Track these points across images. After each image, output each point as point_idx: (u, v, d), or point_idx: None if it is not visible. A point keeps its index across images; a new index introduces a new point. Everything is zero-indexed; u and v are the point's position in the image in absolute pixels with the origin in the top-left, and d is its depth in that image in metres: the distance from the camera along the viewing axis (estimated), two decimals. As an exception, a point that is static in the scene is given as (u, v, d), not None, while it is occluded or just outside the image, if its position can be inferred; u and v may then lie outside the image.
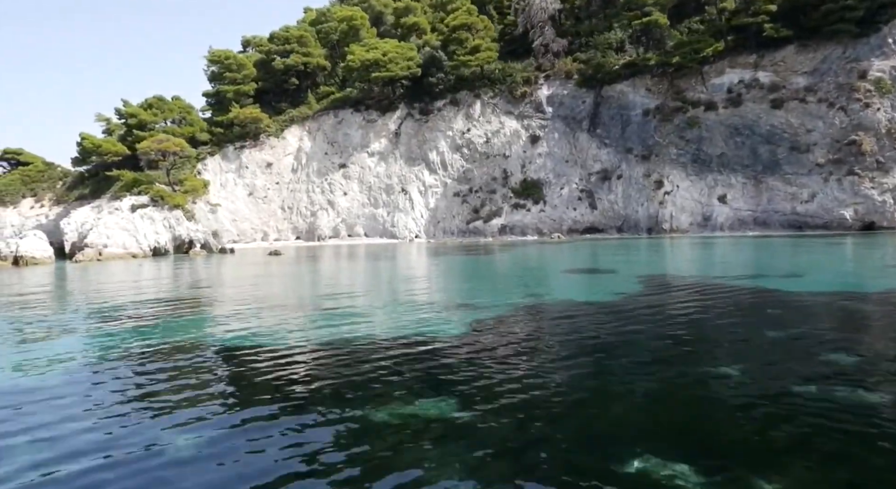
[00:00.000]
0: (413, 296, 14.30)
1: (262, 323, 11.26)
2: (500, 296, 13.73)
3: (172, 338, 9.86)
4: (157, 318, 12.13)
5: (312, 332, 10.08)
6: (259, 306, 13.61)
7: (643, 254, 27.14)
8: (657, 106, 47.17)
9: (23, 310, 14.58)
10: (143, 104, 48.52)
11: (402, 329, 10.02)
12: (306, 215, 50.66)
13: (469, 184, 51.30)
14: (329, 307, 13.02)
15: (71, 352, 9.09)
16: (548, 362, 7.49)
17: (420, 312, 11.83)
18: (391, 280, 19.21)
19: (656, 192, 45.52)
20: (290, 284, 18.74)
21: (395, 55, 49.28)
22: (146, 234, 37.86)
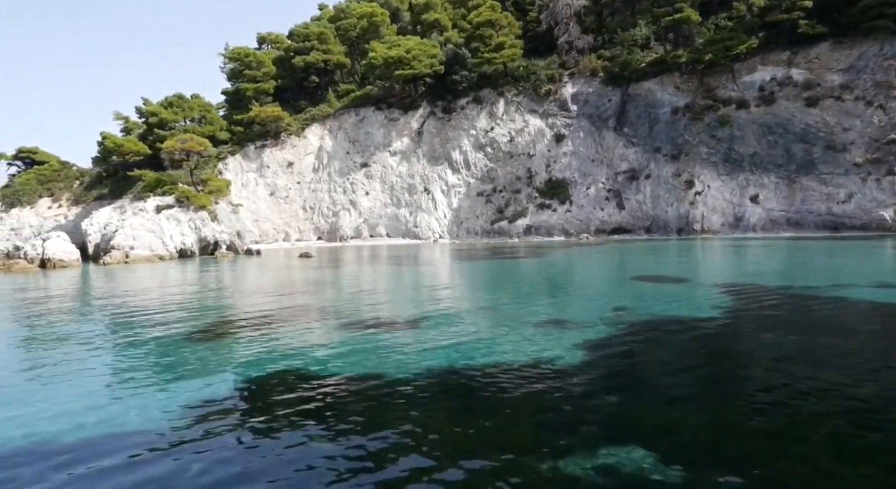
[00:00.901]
0: (491, 311, 13.49)
1: (342, 342, 10.54)
2: (586, 310, 12.98)
3: (255, 366, 9.14)
4: (229, 338, 11.42)
5: (404, 358, 9.35)
6: (331, 322, 12.92)
7: (697, 258, 26.32)
8: (686, 104, 46.29)
9: (87, 323, 13.90)
10: (164, 102, 47.78)
11: (504, 353, 9.30)
12: (328, 215, 49.94)
13: (493, 183, 50.52)
14: (404, 324, 12.30)
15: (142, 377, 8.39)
16: (710, 395, 6.74)
17: (513, 330, 11.10)
18: (451, 288, 18.48)
19: (687, 192, 44.68)
20: (343, 294, 18.01)
21: (418, 52, 48.45)
22: (172, 235, 37.18)
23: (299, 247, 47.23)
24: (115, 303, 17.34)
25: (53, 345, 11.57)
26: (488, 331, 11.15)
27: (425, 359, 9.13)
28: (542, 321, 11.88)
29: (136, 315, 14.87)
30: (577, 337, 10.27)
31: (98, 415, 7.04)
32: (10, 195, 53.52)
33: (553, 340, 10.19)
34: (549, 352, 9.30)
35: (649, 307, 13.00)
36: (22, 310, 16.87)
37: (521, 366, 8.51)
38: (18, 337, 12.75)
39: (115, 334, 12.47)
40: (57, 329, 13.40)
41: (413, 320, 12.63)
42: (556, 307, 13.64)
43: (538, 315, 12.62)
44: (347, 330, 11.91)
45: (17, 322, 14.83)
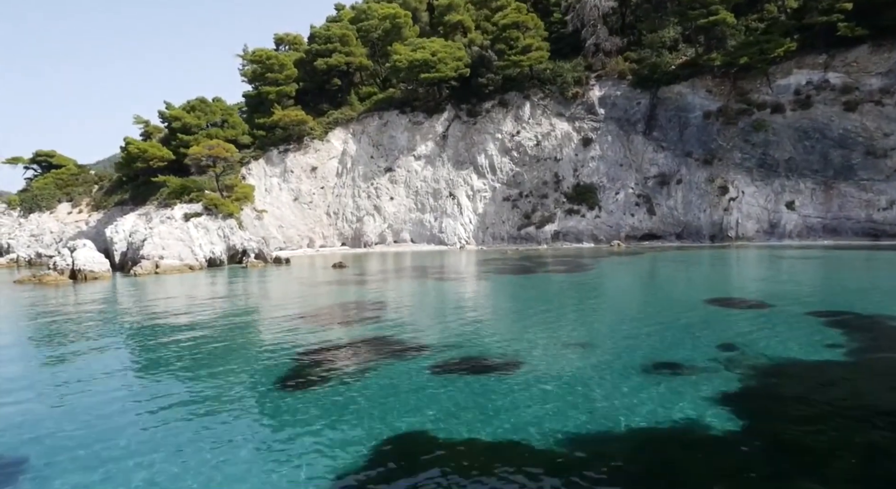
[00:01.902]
0: (579, 350, 12.66)
1: (469, 401, 9.80)
2: (687, 349, 12.18)
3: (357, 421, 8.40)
4: (322, 387, 10.70)
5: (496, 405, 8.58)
6: (427, 362, 12.17)
7: (759, 273, 25.51)
8: (719, 108, 45.39)
9: (166, 376, 13.19)
10: (186, 106, 47.01)
11: (619, 414, 8.53)
12: (352, 221, 49.21)
13: (519, 188, 49.71)
14: (506, 366, 11.56)
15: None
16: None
17: (617, 377, 10.35)
18: (511, 317, 17.75)
19: (720, 198, 43.82)
20: (410, 316, 17.31)
21: (444, 55, 47.62)
22: (201, 244, 36.47)
23: (324, 254, 46.57)
24: (180, 336, 16.62)
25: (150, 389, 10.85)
26: (584, 382, 10.33)
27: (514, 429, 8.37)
28: (644, 364, 11.11)
29: (210, 353, 14.14)
30: (704, 388, 9.50)
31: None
32: (28, 200, 52.93)
33: (674, 393, 9.38)
34: (680, 412, 8.50)
35: (756, 344, 12.22)
36: (91, 338, 16.15)
37: (651, 434, 7.72)
38: (115, 369, 12.00)
39: (201, 384, 11.75)
40: (153, 379, 12.68)
41: (490, 363, 11.88)
42: (646, 343, 12.82)
43: (633, 355, 11.83)
44: (456, 381, 11.15)
45: (97, 351, 14.11)
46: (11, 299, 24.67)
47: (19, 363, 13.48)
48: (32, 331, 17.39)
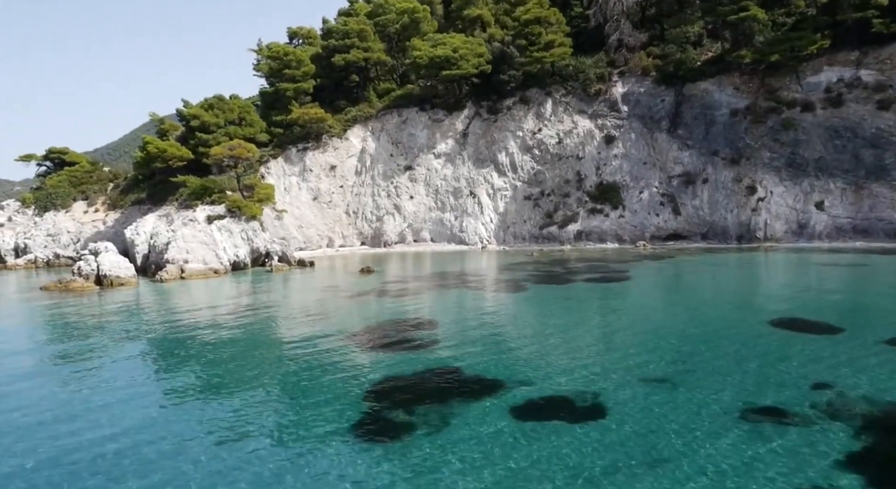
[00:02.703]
0: (665, 390, 11.89)
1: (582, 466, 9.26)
2: (777, 389, 11.62)
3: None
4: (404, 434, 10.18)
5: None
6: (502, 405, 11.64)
7: (808, 282, 24.96)
8: (747, 106, 44.55)
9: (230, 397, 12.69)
10: (204, 104, 46.20)
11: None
12: (372, 220, 48.59)
13: (540, 186, 48.99)
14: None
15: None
16: None
17: (730, 435, 9.80)
18: (575, 337, 17.18)
19: (748, 198, 43.12)
20: (462, 338, 16.79)
21: (465, 51, 46.71)
22: (225, 247, 35.91)
23: (344, 255, 46.04)
24: (237, 363, 16.12)
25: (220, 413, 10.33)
26: (681, 435, 9.77)
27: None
28: (737, 408, 10.59)
29: (268, 383, 13.62)
30: (822, 447, 8.94)
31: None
32: (43, 198, 52.30)
33: (790, 453, 8.79)
34: (807, 481, 7.90)
35: (851, 382, 11.66)
36: (147, 355, 15.64)
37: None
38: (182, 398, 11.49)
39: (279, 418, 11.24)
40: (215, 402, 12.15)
41: (571, 406, 11.35)
42: (729, 381, 12.23)
43: (720, 396, 11.27)
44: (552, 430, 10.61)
45: (161, 376, 13.60)
46: (45, 311, 24.14)
47: (82, 390, 12.93)
48: (84, 350, 16.85)
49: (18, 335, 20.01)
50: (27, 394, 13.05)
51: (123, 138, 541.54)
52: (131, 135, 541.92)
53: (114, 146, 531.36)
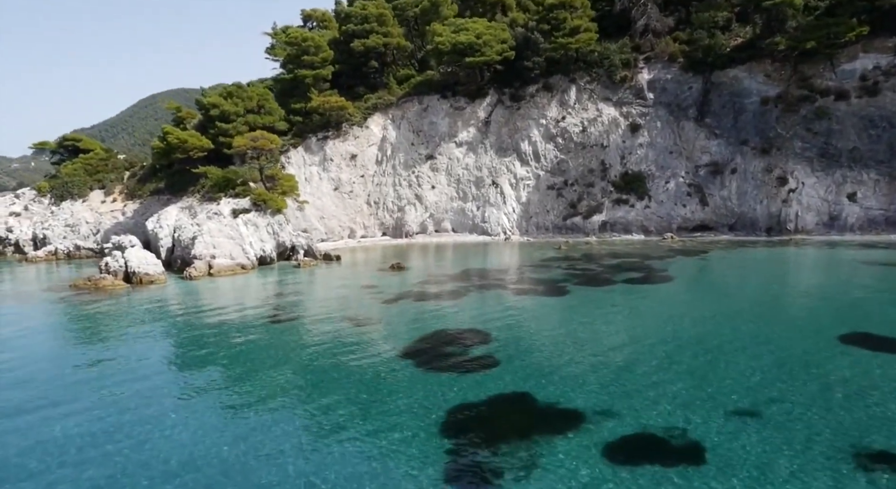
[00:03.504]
0: (758, 425, 11.49)
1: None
2: (882, 427, 11.20)
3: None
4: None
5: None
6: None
7: (864, 281, 24.42)
8: (779, 94, 43.54)
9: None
10: (223, 92, 45.24)
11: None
12: (393, 210, 47.98)
13: (564, 176, 48.21)
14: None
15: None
16: None
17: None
18: (640, 354, 16.72)
19: (779, 189, 42.36)
20: (525, 355, 16.34)
21: (489, 38, 45.56)
22: (252, 242, 35.40)
23: (366, 246, 45.57)
24: (304, 380, 15.70)
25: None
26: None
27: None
28: (849, 452, 10.17)
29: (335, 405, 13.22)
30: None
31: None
32: (59, 187, 51.72)
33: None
34: None
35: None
36: (209, 372, 15.25)
37: None
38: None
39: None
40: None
41: (666, 445, 10.92)
42: (825, 417, 11.78)
43: (822, 434, 10.87)
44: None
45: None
46: (82, 312, 23.78)
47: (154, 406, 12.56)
48: (144, 363, 16.46)
49: (70, 343, 19.62)
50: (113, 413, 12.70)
51: (120, 115, 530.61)
52: (128, 111, 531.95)
53: (110, 123, 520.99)
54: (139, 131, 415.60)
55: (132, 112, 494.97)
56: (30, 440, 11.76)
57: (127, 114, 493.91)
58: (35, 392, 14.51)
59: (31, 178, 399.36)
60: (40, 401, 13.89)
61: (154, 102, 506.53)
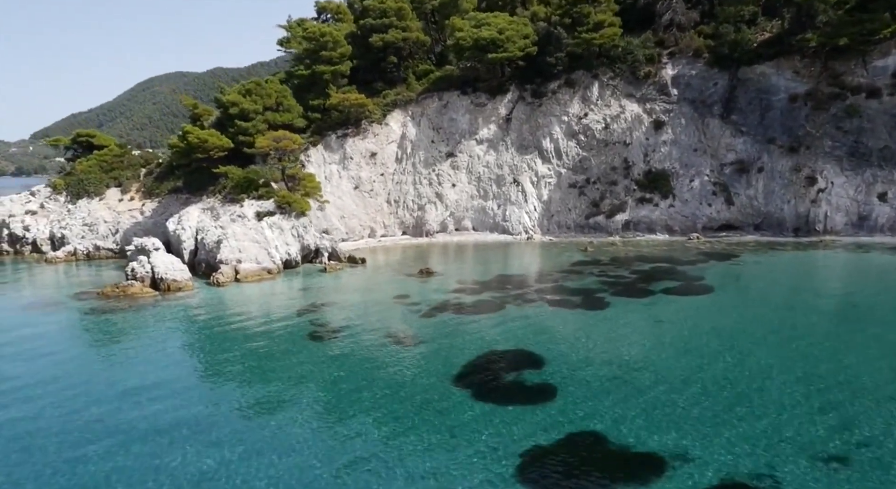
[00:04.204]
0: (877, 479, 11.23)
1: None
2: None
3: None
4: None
5: None
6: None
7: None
8: (808, 91, 42.70)
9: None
10: (241, 90, 44.52)
11: None
12: (413, 209, 47.45)
13: (586, 174, 47.55)
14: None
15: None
16: None
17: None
18: (714, 390, 16.26)
19: (807, 188, 41.73)
20: (588, 388, 15.94)
21: (512, 33, 44.68)
22: (277, 245, 34.98)
23: (386, 246, 45.13)
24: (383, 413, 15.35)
25: None
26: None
27: None
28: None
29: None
30: None
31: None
32: (74, 184, 51.17)
33: None
34: None
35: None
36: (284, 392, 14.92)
37: None
38: None
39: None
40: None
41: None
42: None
43: None
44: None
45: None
46: (121, 327, 23.42)
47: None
48: (208, 387, 16.14)
49: (120, 364, 19.25)
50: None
51: (117, 99, 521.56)
52: (125, 95, 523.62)
53: (108, 107, 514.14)
54: (137, 115, 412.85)
55: (130, 96, 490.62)
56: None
57: (125, 98, 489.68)
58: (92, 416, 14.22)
59: (30, 163, 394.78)
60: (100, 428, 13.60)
61: (152, 86, 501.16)
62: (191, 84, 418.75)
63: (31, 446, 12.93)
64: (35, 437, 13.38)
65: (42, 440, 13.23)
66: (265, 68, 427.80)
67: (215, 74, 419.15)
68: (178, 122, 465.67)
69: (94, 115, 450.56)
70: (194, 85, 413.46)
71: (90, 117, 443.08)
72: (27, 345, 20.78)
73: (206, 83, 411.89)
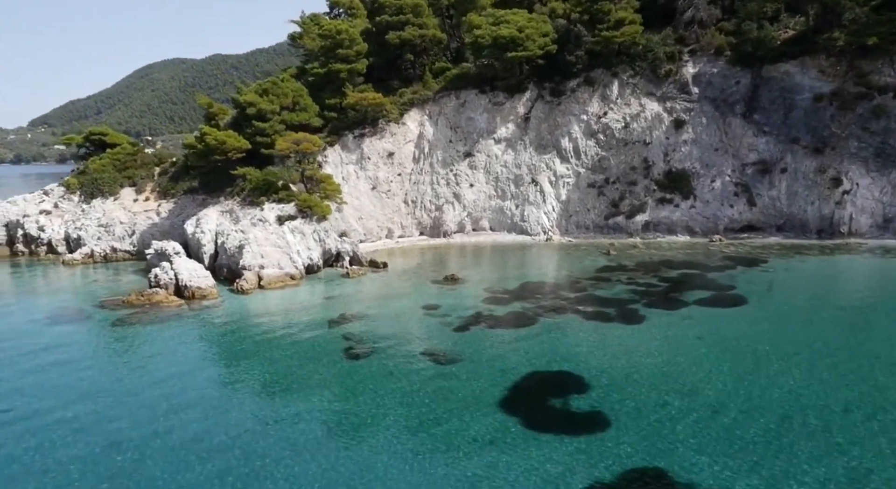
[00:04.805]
0: None
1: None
2: None
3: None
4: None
5: None
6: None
7: None
8: (833, 91, 42.07)
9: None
10: (258, 89, 43.96)
11: None
12: (431, 209, 47.04)
13: (605, 174, 47.06)
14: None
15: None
16: None
17: None
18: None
19: (832, 190, 41.23)
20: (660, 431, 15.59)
21: (531, 31, 43.99)
22: (299, 250, 34.66)
23: (404, 247, 44.80)
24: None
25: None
26: None
27: None
28: None
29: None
30: None
31: None
32: (88, 183, 50.81)
33: None
34: None
35: None
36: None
37: None
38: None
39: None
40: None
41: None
42: None
43: None
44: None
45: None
46: (153, 338, 23.18)
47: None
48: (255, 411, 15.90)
49: (160, 382, 18.98)
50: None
51: (116, 86, 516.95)
52: (124, 81, 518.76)
53: (107, 94, 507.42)
54: (136, 102, 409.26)
55: (128, 83, 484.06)
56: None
57: (123, 85, 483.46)
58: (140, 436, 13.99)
59: (28, 150, 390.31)
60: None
61: (150, 73, 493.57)
62: (189, 71, 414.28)
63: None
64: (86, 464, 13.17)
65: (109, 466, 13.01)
66: (264, 55, 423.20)
67: (214, 61, 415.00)
68: (177, 110, 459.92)
69: (92, 103, 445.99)
70: (193, 72, 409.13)
71: (88, 104, 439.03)
72: (58, 360, 20.56)
73: (204, 70, 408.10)
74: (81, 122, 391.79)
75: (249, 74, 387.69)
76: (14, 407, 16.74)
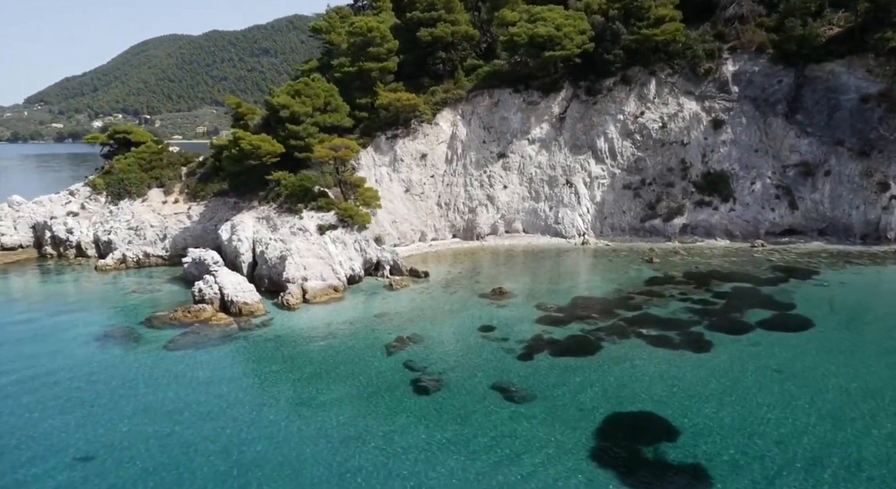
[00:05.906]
0: None
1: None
2: None
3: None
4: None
5: None
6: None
7: None
8: (881, 92, 40.95)
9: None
10: (290, 90, 43.04)
11: None
12: (464, 212, 46.36)
13: (641, 175, 46.19)
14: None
15: None
16: None
17: None
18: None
19: (879, 194, 40.39)
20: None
21: (569, 29, 42.79)
22: (341, 261, 34.15)
23: (438, 251, 44.22)
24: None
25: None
26: None
27: None
28: None
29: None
30: None
31: None
32: (115, 184, 50.25)
33: None
34: None
35: None
36: None
37: None
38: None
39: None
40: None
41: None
42: None
43: None
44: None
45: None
46: (213, 365, 22.77)
47: None
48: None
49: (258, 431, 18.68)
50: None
51: (112, 62, 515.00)
52: (120, 58, 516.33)
53: (103, 71, 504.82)
54: (133, 80, 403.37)
55: (124, 59, 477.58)
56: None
57: (119, 61, 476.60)
58: None
59: (26, 128, 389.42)
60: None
61: (147, 50, 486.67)
62: (186, 47, 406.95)
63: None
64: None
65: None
66: (262, 31, 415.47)
67: (211, 38, 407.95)
68: (175, 88, 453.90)
69: (88, 79, 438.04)
70: (190, 48, 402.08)
71: (85, 81, 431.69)
72: (136, 408, 19.30)
73: (201, 46, 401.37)
74: (78, 100, 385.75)
75: (247, 51, 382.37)
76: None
